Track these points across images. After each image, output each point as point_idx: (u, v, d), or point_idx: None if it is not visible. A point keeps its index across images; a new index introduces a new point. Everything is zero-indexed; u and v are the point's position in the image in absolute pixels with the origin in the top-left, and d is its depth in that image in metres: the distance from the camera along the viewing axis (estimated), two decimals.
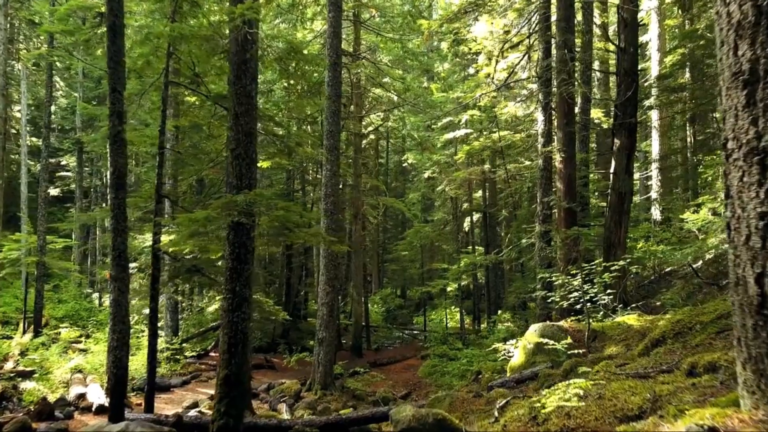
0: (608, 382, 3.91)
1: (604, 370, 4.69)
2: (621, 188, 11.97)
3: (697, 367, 3.41)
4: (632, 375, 4.08)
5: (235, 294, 6.69)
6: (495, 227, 26.45)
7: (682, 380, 3.39)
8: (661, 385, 3.35)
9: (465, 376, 15.81)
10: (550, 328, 8.37)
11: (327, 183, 14.17)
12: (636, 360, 5.15)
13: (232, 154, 6.86)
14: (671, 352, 4.88)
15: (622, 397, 3.26)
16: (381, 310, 33.46)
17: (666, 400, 2.97)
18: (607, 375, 4.33)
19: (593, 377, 4.60)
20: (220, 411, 6.41)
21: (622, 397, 3.27)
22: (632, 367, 4.54)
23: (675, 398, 2.94)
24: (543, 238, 12.69)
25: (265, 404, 12.89)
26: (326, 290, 14.04)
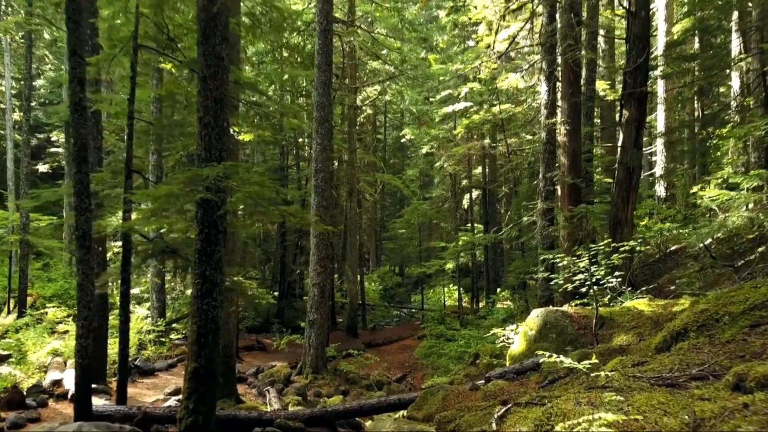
0: (629, 392, 3.23)
1: (620, 372, 4.02)
2: (629, 162, 11.22)
3: (747, 379, 2.74)
4: (658, 382, 3.41)
5: (205, 279, 6.01)
6: (495, 204, 25.75)
7: (726, 396, 2.73)
8: (700, 403, 2.68)
9: (462, 358, 15.27)
10: (553, 313, 7.72)
11: (317, 158, 13.41)
12: (655, 357, 4.48)
13: (200, 122, 6.12)
14: (697, 350, 4.21)
15: (652, 418, 2.59)
16: (378, 288, 32.93)
17: (713, 427, 2.31)
18: (625, 379, 3.66)
19: (608, 380, 3.94)
20: (189, 408, 5.77)
21: (651, 417, 2.60)
22: (654, 368, 3.87)
23: (725, 425, 2.27)
24: (545, 216, 12.00)
25: (252, 389, 12.33)
26: (317, 270, 13.40)
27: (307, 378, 13.14)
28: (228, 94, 6.26)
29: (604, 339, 6.99)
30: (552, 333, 7.53)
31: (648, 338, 6.08)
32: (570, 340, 7.32)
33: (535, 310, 8.05)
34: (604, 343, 6.86)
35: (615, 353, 5.87)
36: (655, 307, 7.38)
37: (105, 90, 17.85)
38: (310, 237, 13.66)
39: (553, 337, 7.49)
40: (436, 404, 6.44)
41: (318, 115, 13.43)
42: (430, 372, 15.21)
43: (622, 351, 5.87)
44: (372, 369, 15.22)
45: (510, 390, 6.23)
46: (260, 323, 22.49)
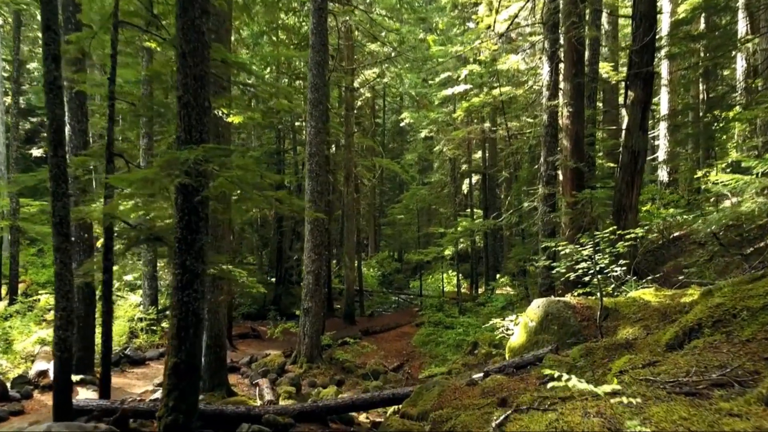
0: (644, 401, 2.87)
1: (631, 375, 3.66)
2: (634, 146, 10.81)
3: None
4: (675, 388, 3.05)
5: (185, 269, 5.64)
6: (495, 189, 25.34)
7: (760, 411, 2.37)
8: (730, 420, 2.33)
9: (461, 346, 14.99)
10: (555, 304, 7.37)
11: (312, 141, 12.99)
12: (667, 356, 4.12)
13: (179, 102, 5.71)
14: (714, 349, 3.85)
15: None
16: (377, 274, 32.63)
17: None
18: (637, 384, 3.31)
19: (619, 384, 3.58)
20: (169, 406, 5.44)
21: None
22: (669, 371, 3.51)
23: None
24: (546, 202, 11.61)
25: (245, 379, 12.04)
26: (312, 258, 13.04)
27: (301, 367, 12.84)
28: (209, 72, 5.83)
29: (608, 331, 6.64)
30: (554, 325, 7.18)
31: (656, 332, 5.73)
32: (572, 332, 6.98)
33: (536, 301, 7.69)
34: (609, 335, 6.52)
35: (621, 348, 5.52)
36: (663, 297, 7.02)
37: (99, 72, 17.40)
38: (305, 223, 13.27)
39: (555, 329, 7.15)
40: (431, 400, 6.11)
41: (312, 96, 12.98)
42: (427, 360, 14.93)
43: (629, 346, 5.52)
44: (369, 357, 14.92)
45: (509, 386, 5.89)
46: (256, 310, 22.21)
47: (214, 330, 10.08)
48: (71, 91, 10.48)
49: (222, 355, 10.19)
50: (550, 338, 7.14)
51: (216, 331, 10.09)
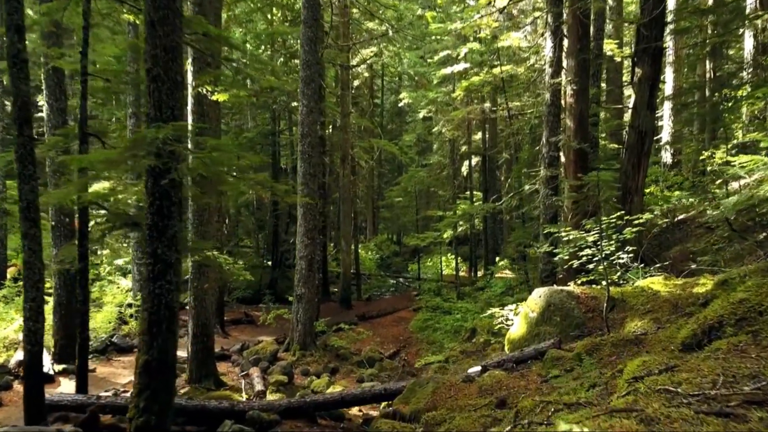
0: (668, 422, 2.43)
1: (646, 383, 3.21)
2: (641, 125, 10.30)
3: None
4: (702, 405, 2.60)
5: (157, 258, 5.18)
6: (495, 171, 24.80)
7: None
8: None
9: (459, 332, 14.61)
10: (557, 294, 6.93)
11: (303, 121, 12.45)
12: (685, 359, 3.67)
13: (148, 75, 5.19)
14: (741, 353, 3.40)
15: None
16: (375, 257, 32.24)
17: None
18: (657, 399, 2.86)
19: (634, 395, 3.14)
20: (140, 407, 5.02)
21: None
22: (692, 380, 3.06)
23: None
24: (548, 185, 11.12)
25: (236, 367, 11.66)
26: (305, 242, 12.59)
27: (294, 355, 12.46)
28: (181, 42, 5.31)
29: (615, 324, 6.21)
30: (556, 316, 6.75)
31: (668, 327, 5.29)
32: (576, 324, 6.55)
33: (538, 290, 7.25)
34: (616, 328, 6.09)
35: (630, 345, 5.09)
36: (673, 287, 6.58)
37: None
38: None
39: (558, 320, 6.72)
40: (424, 398, 5.70)
41: (305, 74, 12.41)
42: (424, 347, 14.56)
43: (639, 342, 5.08)
44: (364, 344, 14.55)
45: (509, 384, 5.47)
46: (251, 294, 21.84)
47: (200, 318, 9.67)
48: (48, 68, 9.95)
49: (209, 344, 9.79)
50: (552, 330, 6.71)
51: (203, 320, 9.68)
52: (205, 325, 9.70)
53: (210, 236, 9.65)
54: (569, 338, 6.47)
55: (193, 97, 9.37)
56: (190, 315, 9.75)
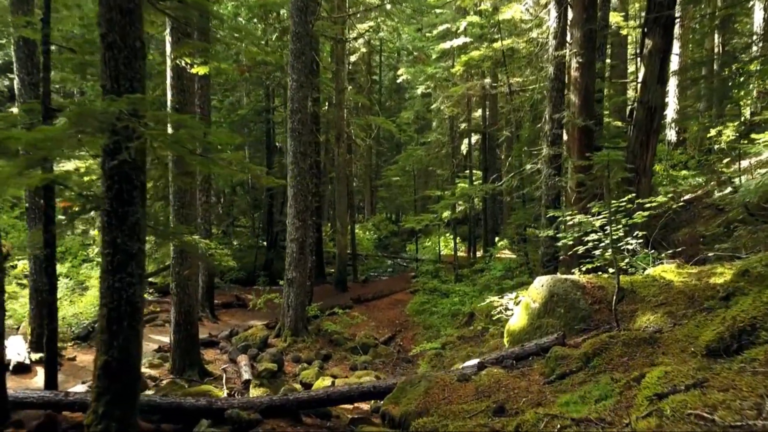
0: None
1: (671, 404, 2.69)
2: (651, 101, 9.69)
3: None
4: None
5: (117, 248, 4.63)
6: (495, 149, 24.15)
7: None
8: None
9: (456, 316, 14.17)
10: (561, 283, 6.40)
11: (293, 97, 11.81)
12: (715, 370, 3.14)
13: (102, 42, 4.59)
14: None
15: None
16: (373, 237, 31.76)
17: None
18: (685, 423, 2.34)
19: (656, 418, 2.62)
20: (98, 413, 4.53)
21: None
22: (728, 403, 2.54)
23: None
24: (551, 164, 10.54)
25: (224, 354, 11.21)
26: (296, 225, 12.05)
27: (285, 341, 12.01)
28: (140, 4, 4.69)
29: (624, 317, 5.69)
30: (560, 307, 6.23)
31: (686, 323, 4.77)
32: (582, 317, 6.04)
33: (540, 279, 6.72)
34: (626, 322, 5.57)
35: (644, 344, 4.57)
36: (687, 276, 6.05)
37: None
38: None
39: (561, 312, 6.20)
40: (416, 399, 5.21)
41: (294, 47, 11.73)
42: (421, 332, 14.13)
43: (654, 341, 4.56)
44: (359, 328, 14.11)
45: (508, 384, 4.98)
46: (245, 275, 21.37)
47: (183, 305, 9.17)
48: (17, 38, 9.28)
49: (193, 332, 9.31)
50: (556, 323, 6.20)
51: (186, 307, 9.18)
52: (189, 313, 9.20)
53: (192, 219, 9.10)
54: (574, 332, 5.97)
55: (172, 70, 8.73)
56: (172, 302, 9.26)
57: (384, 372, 11.07)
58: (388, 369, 11.48)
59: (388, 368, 11.54)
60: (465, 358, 10.64)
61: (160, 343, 11.57)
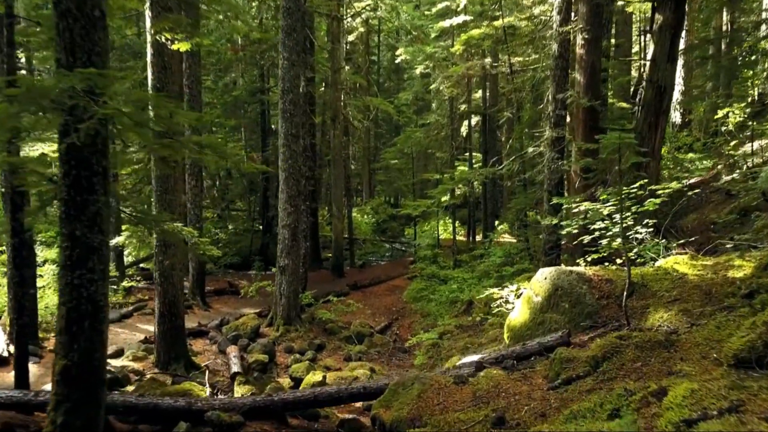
0: None
1: None
2: (660, 80, 9.17)
3: None
4: None
5: (76, 241, 4.18)
6: (495, 131, 23.58)
7: None
8: None
9: (455, 304, 13.78)
10: (566, 276, 5.95)
11: (284, 76, 11.27)
12: (750, 390, 2.70)
13: (55, 10, 4.09)
14: None
15: None
16: (371, 221, 31.31)
17: None
18: None
19: None
20: (57, 423, 4.10)
21: None
22: None
23: None
24: (554, 147, 10.02)
25: (213, 345, 10.82)
26: (288, 210, 11.58)
27: (278, 330, 11.62)
28: None
29: (635, 314, 5.25)
30: (564, 302, 5.79)
31: (705, 324, 4.32)
32: (588, 312, 5.60)
33: (543, 271, 6.27)
34: (636, 320, 5.13)
35: (659, 348, 4.13)
36: (702, 268, 5.60)
37: None
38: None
39: (566, 307, 5.76)
40: (408, 404, 4.79)
41: (285, 23, 11.16)
42: (418, 320, 13.75)
43: (670, 345, 4.13)
44: (354, 316, 13.72)
45: (509, 389, 4.56)
46: (240, 260, 20.98)
47: (167, 296, 8.74)
48: None
49: (178, 323, 8.90)
50: (560, 318, 5.77)
51: (170, 297, 8.75)
52: (173, 303, 8.78)
53: (177, 205, 8.64)
54: (580, 329, 5.54)
55: (152, 46, 8.20)
56: (156, 292, 8.83)
57: (379, 363, 10.69)
58: (384, 359, 11.11)
59: (384, 359, 11.17)
60: (463, 350, 10.27)
61: (147, 333, 11.16)
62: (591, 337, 5.28)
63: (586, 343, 5.20)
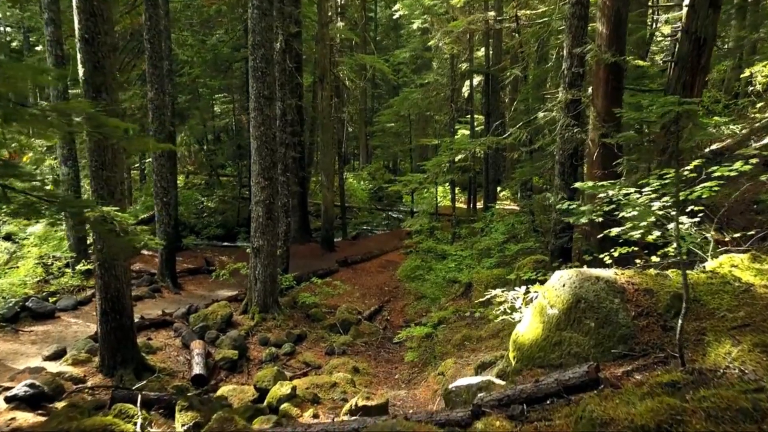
0: None
1: None
2: (700, 30, 7.59)
3: None
4: None
5: None
6: (498, 92, 21.86)
7: None
8: None
9: (453, 284, 12.49)
10: (591, 284, 4.57)
11: (255, 27, 9.67)
12: None
13: None
14: None
15: None
16: (367, 187, 29.84)
17: None
18: None
19: None
20: None
21: None
22: None
23: None
24: (569, 111, 8.51)
25: (177, 338, 9.55)
26: (261, 184, 10.16)
27: (253, 319, 10.36)
28: None
29: (687, 342, 3.89)
30: (589, 318, 4.43)
31: None
32: (622, 336, 4.24)
33: (560, 274, 4.88)
34: (691, 352, 3.77)
35: (745, 420, 2.77)
36: None
37: None
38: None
39: (591, 326, 4.40)
40: None
41: None
42: (412, 303, 12.49)
43: (762, 417, 2.76)
44: (342, 299, 12.46)
45: None
46: (224, 232, 19.66)
47: (110, 290, 7.41)
48: None
49: (124, 322, 7.58)
50: (583, 340, 4.42)
51: (113, 292, 7.42)
52: (118, 298, 7.46)
53: (115, 184, 7.20)
54: (610, 357, 4.19)
55: None
56: (96, 286, 7.49)
57: (365, 358, 9.47)
58: (371, 353, 9.88)
59: (371, 351, 9.95)
60: (460, 346, 8.98)
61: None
62: (627, 372, 3.94)
63: (621, 379, 3.87)
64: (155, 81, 11.82)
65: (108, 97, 7.05)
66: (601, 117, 7.99)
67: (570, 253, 8.68)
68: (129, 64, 15.55)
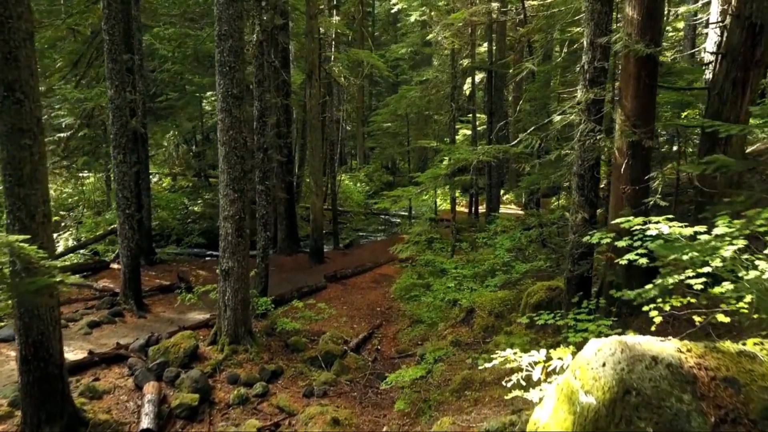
0: None
1: None
2: (755, 15, 6.21)
3: None
4: None
5: None
6: (502, 90, 20.48)
7: None
8: None
9: (452, 308, 11.13)
10: (645, 367, 3.18)
11: (221, 15, 8.28)
12: None
13: None
14: None
15: None
16: (364, 189, 28.49)
17: None
18: None
19: None
20: None
21: None
22: None
23: None
24: (590, 113, 7.12)
25: (130, 378, 8.17)
26: (230, 196, 8.79)
27: (222, 351, 9.00)
28: None
29: None
30: (644, 421, 3.06)
31: None
32: None
33: (599, 345, 3.48)
34: None
35: None
36: None
37: None
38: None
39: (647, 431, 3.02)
40: None
41: None
42: (406, 329, 11.13)
43: None
44: (327, 324, 11.10)
45: None
46: (208, 241, 18.27)
47: (31, 334, 6.04)
48: None
49: (50, 370, 6.22)
50: None
51: (36, 336, 6.06)
52: (42, 343, 6.10)
53: (37, 203, 5.84)
54: None
55: None
56: (15, 330, 6.14)
57: (349, 402, 8.11)
58: (357, 394, 8.51)
59: (357, 392, 8.57)
60: (459, 392, 7.63)
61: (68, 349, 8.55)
62: None
63: None
64: (115, 77, 10.44)
65: (25, 96, 5.69)
66: (630, 121, 6.61)
67: (590, 283, 7.31)
68: (99, 59, 14.21)
